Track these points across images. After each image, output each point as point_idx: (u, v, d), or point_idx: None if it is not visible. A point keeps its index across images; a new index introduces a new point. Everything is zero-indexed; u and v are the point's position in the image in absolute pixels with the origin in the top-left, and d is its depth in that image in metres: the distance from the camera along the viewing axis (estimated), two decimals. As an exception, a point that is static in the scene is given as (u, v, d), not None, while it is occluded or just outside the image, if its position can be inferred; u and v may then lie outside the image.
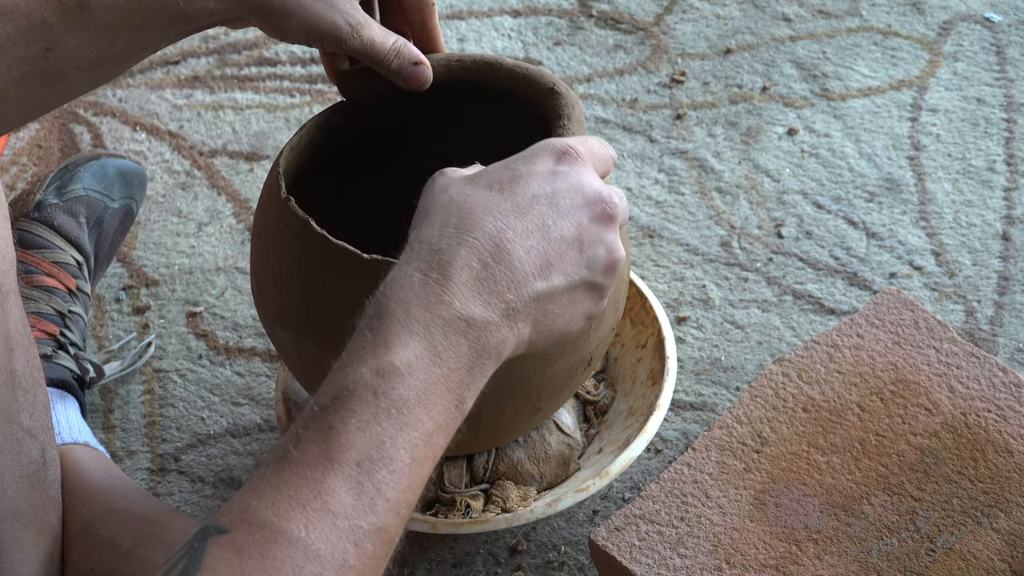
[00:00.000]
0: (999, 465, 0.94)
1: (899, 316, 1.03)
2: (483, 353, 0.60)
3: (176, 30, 0.77)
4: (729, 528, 0.91)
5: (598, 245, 0.63)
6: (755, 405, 0.98)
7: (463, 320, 0.59)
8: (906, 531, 0.91)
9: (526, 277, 0.60)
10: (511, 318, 0.60)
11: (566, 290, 0.62)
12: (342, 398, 0.56)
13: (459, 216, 0.61)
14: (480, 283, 0.59)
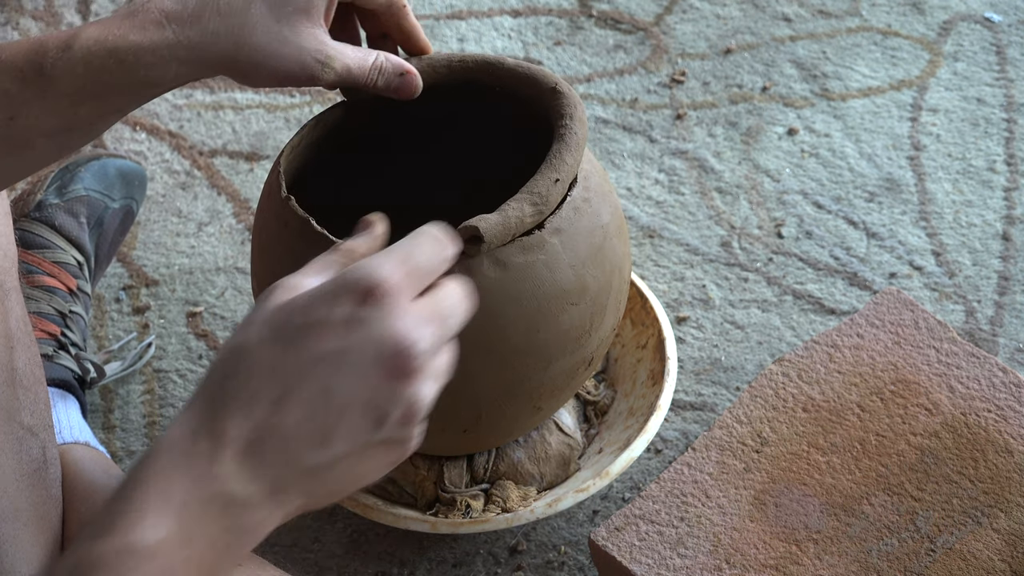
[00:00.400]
0: (999, 465, 0.94)
1: (899, 316, 1.03)
2: (241, 533, 0.54)
3: (141, 95, 0.76)
4: (729, 528, 0.91)
5: (390, 404, 0.56)
6: (755, 405, 0.98)
7: (224, 497, 0.54)
8: (906, 531, 0.91)
9: (300, 450, 0.54)
10: (278, 493, 0.55)
11: (352, 454, 0.56)
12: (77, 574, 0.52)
13: (241, 375, 0.55)
14: (249, 456, 0.54)
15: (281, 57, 0.75)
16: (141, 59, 0.73)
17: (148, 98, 0.77)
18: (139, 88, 0.75)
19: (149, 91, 0.76)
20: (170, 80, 0.75)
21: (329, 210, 0.91)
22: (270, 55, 0.75)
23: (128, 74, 0.73)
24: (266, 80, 0.77)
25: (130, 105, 0.77)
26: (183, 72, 0.74)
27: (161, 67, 0.73)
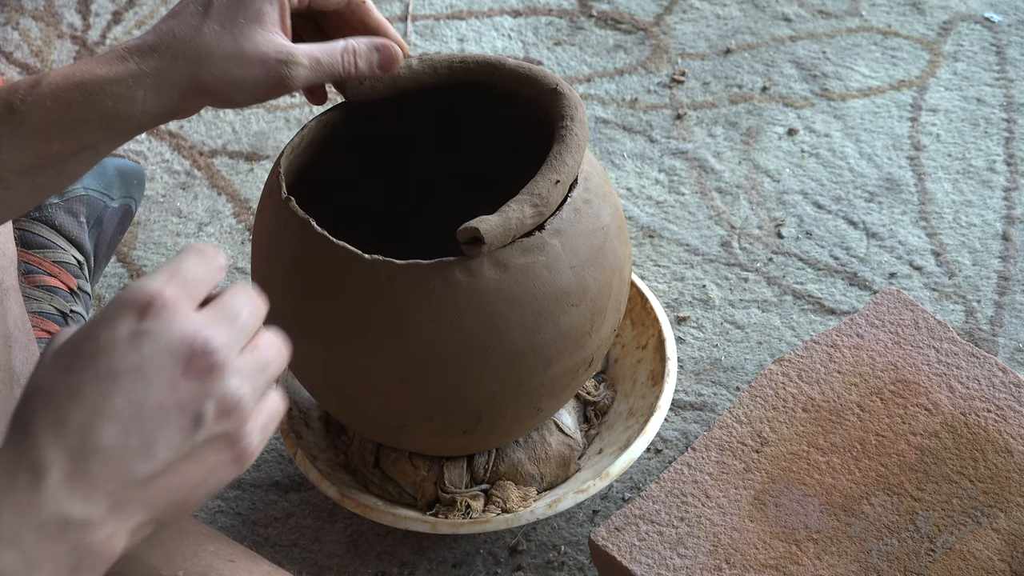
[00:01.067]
0: (999, 465, 0.94)
1: (899, 316, 1.03)
2: (88, 553, 0.54)
3: (112, 129, 0.76)
4: (729, 528, 0.92)
5: (202, 401, 0.55)
6: (755, 405, 0.98)
7: (59, 522, 0.53)
8: (906, 531, 0.91)
9: (125, 463, 0.54)
10: (117, 509, 0.54)
11: (181, 459, 0.56)
12: None
13: (45, 407, 0.55)
14: (75, 480, 0.53)
15: (243, 65, 0.76)
16: (107, 90, 0.74)
17: (121, 134, 0.77)
18: (109, 120, 0.75)
19: (120, 124, 0.76)
20: (139, 112, 0.75)
21: (330, 211, 0.91)
22: (231, 67, 0.76)
23: (96, 106, 0.74)
24: (237, 93, 0.77)
25: (103, 141, 0.77)
26: (150, 101, 0.75)
27: (128, 97, 0.75)
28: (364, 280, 0.81)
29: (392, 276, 0.81)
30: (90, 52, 1.49)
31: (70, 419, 0.54)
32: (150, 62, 0.75)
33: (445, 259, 0.81)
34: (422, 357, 0.84)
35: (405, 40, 1.47)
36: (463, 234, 0.80)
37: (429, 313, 0.82)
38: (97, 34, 1.51)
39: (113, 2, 1.54)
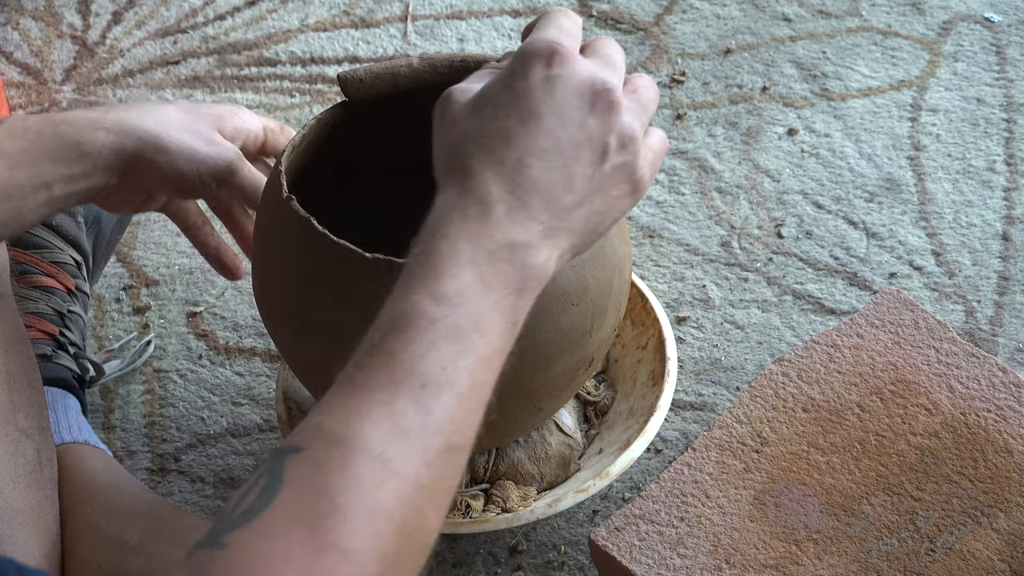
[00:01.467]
0: (999, 465, 0.94)
1: (899, 316, 1.03)
2: (529, 276, 0.61)
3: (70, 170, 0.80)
4: (729, 528, 0.91)
5: (606, 135, 0.64)
6: (755, 405, 0.98)
7: (507, 246, 0.61)
8: (906, 531, 0.91)
9: (554, 195, 0.62)
10: (550, 236, 0.62)
11: (593, 191, 0.64)
12: (400, 325, 0.58)
13: (480, 151, 0.63)
14: (516, 211, 0.61)
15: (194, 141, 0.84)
16: (74, 123, 0.80)
17: (77, 178, 0.81)
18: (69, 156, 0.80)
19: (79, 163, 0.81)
20: (96, 151, 0.81)
21: (330, 210, 0.91)
22: (182, 131, 0.84)
23: (62, 137, 0.79)
24: (176, 155, 0.84)
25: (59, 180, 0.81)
26: (108, 142, 0.81)
27: (90, 133, 0.80)
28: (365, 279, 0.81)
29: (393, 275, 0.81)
30: (90, 52, 1.49)
31: (506, 159, 0.62)
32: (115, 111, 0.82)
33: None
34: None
35: (405, 40, 1.47)
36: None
37: None
38: (97, 34, 1.51)
39: (113, 2, 1.54)
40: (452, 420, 0.57)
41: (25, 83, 1.45)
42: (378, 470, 0.54)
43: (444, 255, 0.60)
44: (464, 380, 0.58)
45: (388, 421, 0.55)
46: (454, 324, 0.58)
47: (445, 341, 0.58)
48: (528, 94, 0.64)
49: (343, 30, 1.50)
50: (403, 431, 0.55)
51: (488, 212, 0.61)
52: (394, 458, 0.54)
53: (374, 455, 0.54)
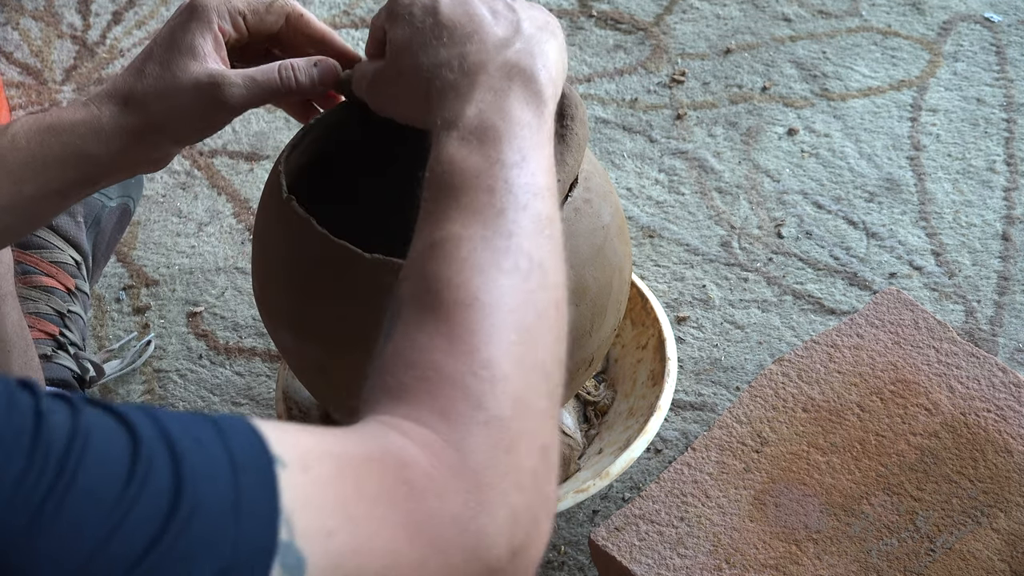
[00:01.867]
0: (999, 465, 0.94)
1: (899, 316, 1.03)
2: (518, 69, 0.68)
3: (80, 173, 0.79)
4: (729, 528, 0.91)
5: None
6: (755, 405, 0.98)
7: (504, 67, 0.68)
8: (906, 531, 0.91)
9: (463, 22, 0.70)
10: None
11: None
12: (440, 177, 0.64)
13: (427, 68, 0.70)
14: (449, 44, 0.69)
15: (178, 95, 0.79)
16: (76, 130, 0.78)
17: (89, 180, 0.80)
18: (78, 161, 0.79)
19: (88, 166, 0.79)
20: (105, 152, 0.79)
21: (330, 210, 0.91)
22: (169, 99, 0.79)
23: (67, 146, 0.78)
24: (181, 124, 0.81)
25: (72, 186, 0.80)
26: (114, 143, 0.79)
27: (94, 138, 0.79)
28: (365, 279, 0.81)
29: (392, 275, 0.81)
30: (90, 52, 1.49)
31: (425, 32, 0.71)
32: (106, 107, 0.79)
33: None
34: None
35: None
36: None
37: None
38: (97, 34, 1.51)
39: (113, 2, 1.54)
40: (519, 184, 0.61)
41: (25, 83, 1.45)
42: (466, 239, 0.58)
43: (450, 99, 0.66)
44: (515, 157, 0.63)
45: (460, 210, 0.60)
46: (484, 127, 0.63)
47: (485, 143, 0.63)
48: (411, 7, 0.72)
49: (343, 30, 1.50)
50: (477, 208, 0.60)
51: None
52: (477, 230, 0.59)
53: (461, 234, 0.59)
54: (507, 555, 0.51)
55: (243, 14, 0.81)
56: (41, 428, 0.44)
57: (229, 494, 0.46)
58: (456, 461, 0.51)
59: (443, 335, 0.55)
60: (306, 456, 0.49)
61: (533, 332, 0.57)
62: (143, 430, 0.46)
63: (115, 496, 0.44)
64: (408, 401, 0.53)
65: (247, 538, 0.45)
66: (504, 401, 0.54)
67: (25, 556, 0.42)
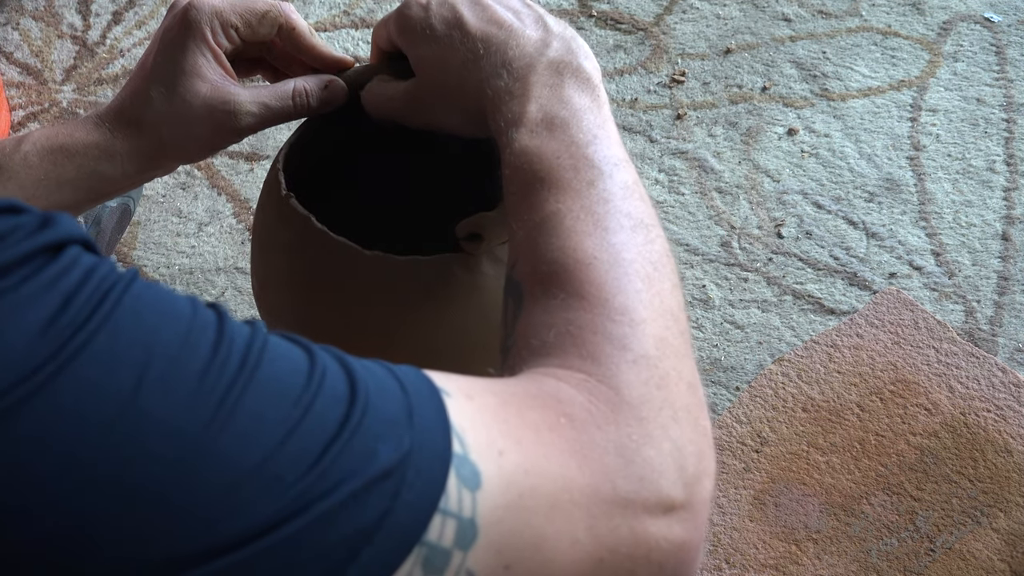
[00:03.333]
0: (998, 465, 0.94)
1: (899, 316, 1.03)
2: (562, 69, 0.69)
3: (95, 192, 0.79)
4: (729, 528, 0.91)
5: None
6: (755, 405, 0.98)
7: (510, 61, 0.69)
8: (906, 531, 0.91)
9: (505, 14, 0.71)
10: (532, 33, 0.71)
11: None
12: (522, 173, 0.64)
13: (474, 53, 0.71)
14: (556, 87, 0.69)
15: (192, 123, 0.79)
16: (90, 152, 0.78)
17: (103, 196, 0.80)
18: (92, 182, 0.79)
19: (103, 186, 0.79)
20: (120, 174, 0.79)
21: (329, 207, 0.91)
22: (183, 127, 0.79)
23: (81, 168, 0.78)
24: (195, 149, 0.81)
25: (85, 201, 0.80)
26: (129, 165, 0.79)
27: (108, 161, 0.78)
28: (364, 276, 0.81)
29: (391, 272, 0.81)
30: (90, 52, 1.49)
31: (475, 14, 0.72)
32: (119, 132, 0.79)
33: (444, 255, 0.81)
34: (421, 353, 0.84)
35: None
36: (462, 230, 0.80)
37: (428, 309, 0.82)
38: (97, 34, 1.51)
39: (113, 2, 1.54)
40: (599, 158, 0.63)
41: (25, 83, 1.45)
42: (567, 213, 0.60)
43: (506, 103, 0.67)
44: (588, 136, 0.64)
45: (550, 191, 0.61)
46: (549, 118, 0.64)
47: (554, 132, 0.64)
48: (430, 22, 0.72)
49: (343, 30, 1.50)
50: (566, 185, 0.61)
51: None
52: (572, 202, 0.60)
53: (560, 209, 0.60)
54: (680, 488, 0.52)
55: (235, 26, 0.80)
56: (224, 327, 0.45)
57: (402, 406, 0.47)
58: (613, 396, 0.52)
59: (573, 295, 0.56)
60: (469, 388, 0.50)
61: (654, 280, 0.59)
62: (316, 349, 0.48)
63: (295, 394, 0.45)
64: (555, 354, 0.55)
65: (423, 444, 0.46)
66: (647, 341, 0.56)
67: (205, 454, 0.42)
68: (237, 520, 0.42)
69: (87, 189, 0.79)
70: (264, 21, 0.82)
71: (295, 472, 0.43)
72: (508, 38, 0.70)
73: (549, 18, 0.73)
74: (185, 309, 0.45)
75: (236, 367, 0.44)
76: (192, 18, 0.78)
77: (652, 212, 0.65)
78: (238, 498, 0.42)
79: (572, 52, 0.70)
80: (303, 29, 0.84)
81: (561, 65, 0.69)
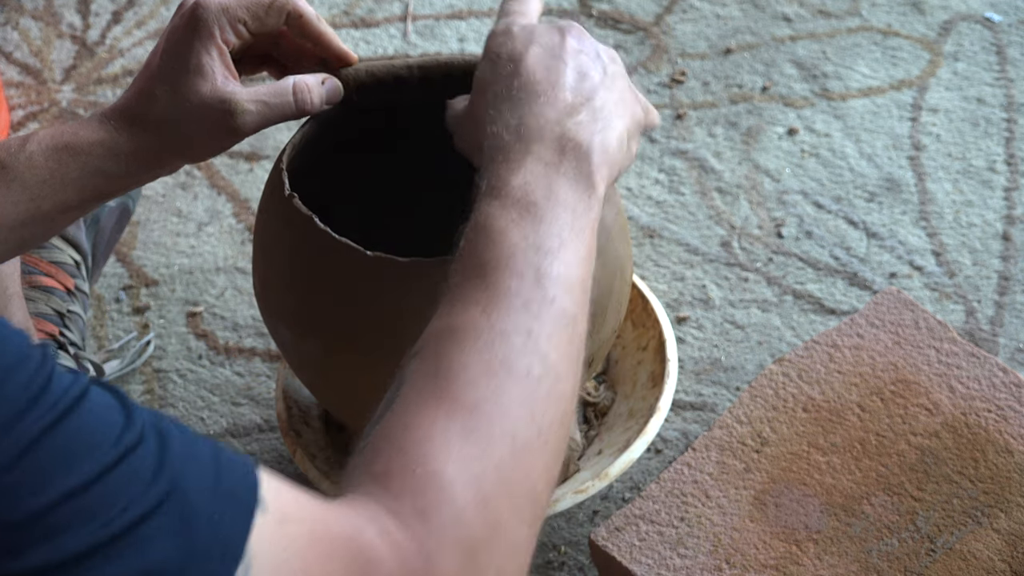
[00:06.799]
0: (999, 465, 0.94)
1: (899, 316, 1.03)
2: (580, 149, 0.66)
3: (99, 192, 0.79)
4: (729, 528, 0.91)
5: (591, 47, 0.70)
6: (755, 405, 0.98)
7: (533, 129, 0.66)
8: (906, 531, 0.91)
9: (559, 84, 0.68)
10: (572, 115, 0.67)
11: (601, 85, 0.69)
12: (478, 225, 0.63)
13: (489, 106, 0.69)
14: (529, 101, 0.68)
15: (193, 122, 0.79)
16: (94, 151, 0.78)
17: (107, 195, 0.81)
18: (96, 181, 0.79)
19: (107, 185, 0.79)
20: (124, 172, 0.79)
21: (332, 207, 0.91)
22: (183, 124, 0.79)
23: (86, 166, 0.78)
24: (199, 149, 0.81)
25: (90, 200, 0.80)
26: (132, 164, 0.79)
27: (112, 159, 0.78)
28: (366, 277, 0.81)
29: (394, 273, 0.81)
30: (90, 52, 1.49)
31: (501, 78, 0.69)
32: (123, 130, 0.79)
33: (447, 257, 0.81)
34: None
35: (405, 40, 1.47)
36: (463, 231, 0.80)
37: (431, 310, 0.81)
38: (97, 34, 1.51)
39: (113, 2, 1.54)
40: (548, 275, 0.60)
41: (25, 83, 1.45)
42: (482, 333, 0.57)
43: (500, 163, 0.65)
44: (552, 242, 0.61)
45: (483, 293, 0.59)
46: (529, 202, 0.62)
47: (523, 218, 0.61)
48: (501, 48, 0.69)
49: (343, 30, 1.50)
50: (500, 295, 0.58)
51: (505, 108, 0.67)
52: (496, 321, 0.57)
53: (472, 324, 0.57)
54: None
55: (243, 20, 0.80)
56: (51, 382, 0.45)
57: (204, 509, 0.46)
58: (421, 574, 0.50)
59: (440, 432, 0.53)
60: (288, 509, 0.48)
61: (531, 452, 0.55)
62: (138, 415, 0.47)
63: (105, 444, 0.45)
64: (392, 492, 0.52)
65: (208, 556, 0.45)
66: (485, 522, 0.52)
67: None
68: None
69: (92, 188, 0.79)
70: (271, 11, 0.81)
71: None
72: (544, 91, 0.67)
73: (604, 92, 0.69)
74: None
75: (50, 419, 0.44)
76: (200, 16, 0.78)
77: (576, 355, 0.60)
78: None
79: (591, 133, 0.67)
80: (310, 15, 0.83)
81: (569, 144, 0.66)
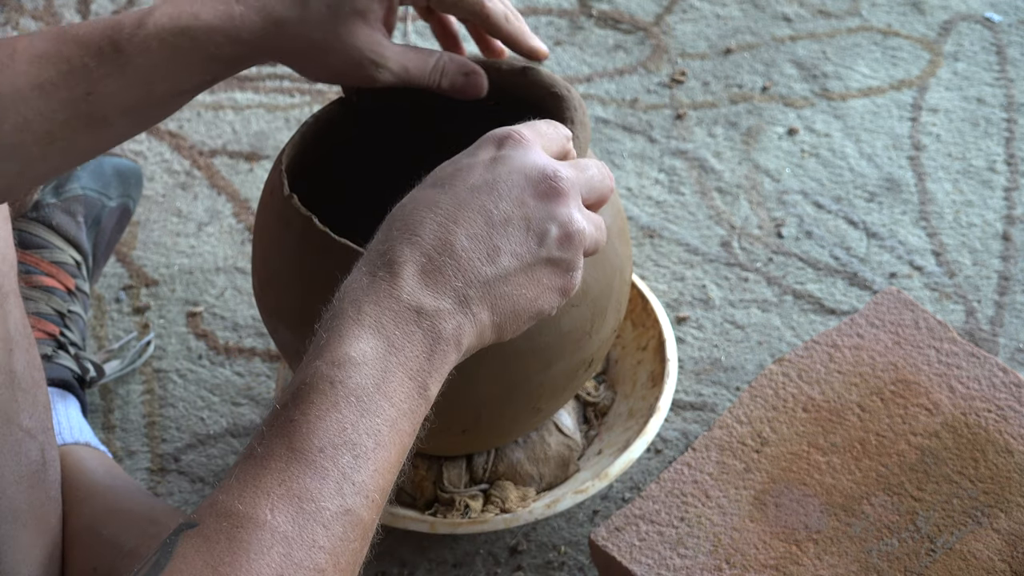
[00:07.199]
0: (999, 465, 0.94)
1: (899, 316, 1.03)
2: (439, 340, 0.61)
3: (210, 75, 0.78)
4: (729, 528, 0.91)
5: (546, 221, 0.63)
6: (755, 405, 0.98)
7: (413, 310, 0.60)
8: (906, 531, 0.91)
9: (472, 264, 0.61)
10: (464, 305, 0.61)
11: (521, 270, 0.63)
12: (301, 392, 0.58)
13: (403, 219, 0.63)
14: (427, 276, 0.61)
15: (335, 53, 0.78)
16: (212, 38, 0.76)
17: (218, 78, 0.79)
18: (209, 66, 0.77)
19: (219, 70, 0.78)
20: (233, 60, 0.77)
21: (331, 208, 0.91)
22: (325, 51, 0.78)
23: (199, 52, 0.76)
24: (319, 74, 0.80)
25: (202, 84, 0.79)
26: (245, 54, 0.77)
27: (228, 46, 0.76)
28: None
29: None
30: (89, 52, 1.49)
31: (425, 226, 0.62)
32: (255, 18, 0.76)
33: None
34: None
35: (405, 40, 1.47)
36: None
37: None
38: (96, 34, 1.51)
39: (113, 2, 1.54)
40: (352, 482, 0.56)
41: (25, 83, 1.45)
42: (265, 536, 0.54)
43: (349, 318, 0.60)
44: (366, 441, 0.57)
45: (281, 487, 0.55)
46: (356, 386, 0.58)
47: (346, 403, 0.57)
48: (468, 170, 0.64)
49: (343, 30, 1.50)
50: (297, 496, 0.55)
51: (397, 275, 0.61)
52: (284, 523, 0.54)
53: (261, 522, 0.54)
54: None
55: None
56: None
57: None
58: None
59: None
60: None
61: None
62: None
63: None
64: None
65: None
66: None
67: None
68: None
69: (208, 72, 0.77)
70: (461, 3, 0.82)
71: None
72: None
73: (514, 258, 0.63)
74: None
75: None
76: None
77: (358, 559, 0.58)
78: None
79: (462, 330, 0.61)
80: (498, 15, 0.83)
81: (439, 316, 0.60)
